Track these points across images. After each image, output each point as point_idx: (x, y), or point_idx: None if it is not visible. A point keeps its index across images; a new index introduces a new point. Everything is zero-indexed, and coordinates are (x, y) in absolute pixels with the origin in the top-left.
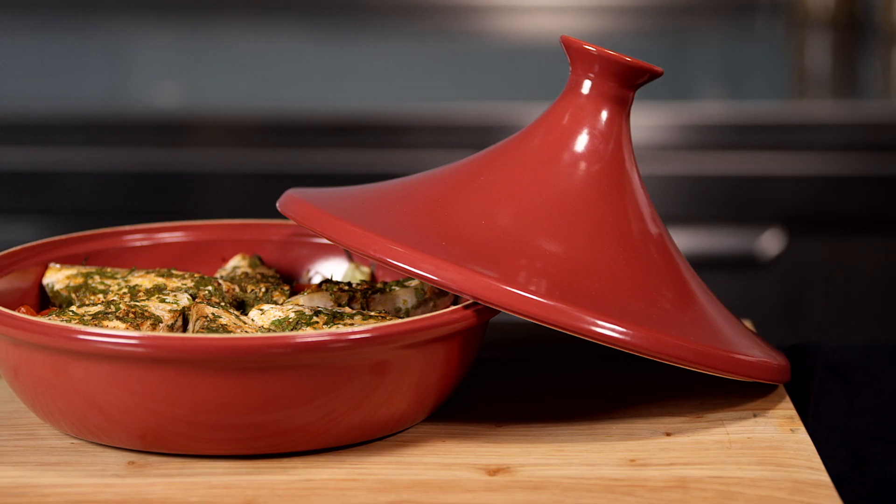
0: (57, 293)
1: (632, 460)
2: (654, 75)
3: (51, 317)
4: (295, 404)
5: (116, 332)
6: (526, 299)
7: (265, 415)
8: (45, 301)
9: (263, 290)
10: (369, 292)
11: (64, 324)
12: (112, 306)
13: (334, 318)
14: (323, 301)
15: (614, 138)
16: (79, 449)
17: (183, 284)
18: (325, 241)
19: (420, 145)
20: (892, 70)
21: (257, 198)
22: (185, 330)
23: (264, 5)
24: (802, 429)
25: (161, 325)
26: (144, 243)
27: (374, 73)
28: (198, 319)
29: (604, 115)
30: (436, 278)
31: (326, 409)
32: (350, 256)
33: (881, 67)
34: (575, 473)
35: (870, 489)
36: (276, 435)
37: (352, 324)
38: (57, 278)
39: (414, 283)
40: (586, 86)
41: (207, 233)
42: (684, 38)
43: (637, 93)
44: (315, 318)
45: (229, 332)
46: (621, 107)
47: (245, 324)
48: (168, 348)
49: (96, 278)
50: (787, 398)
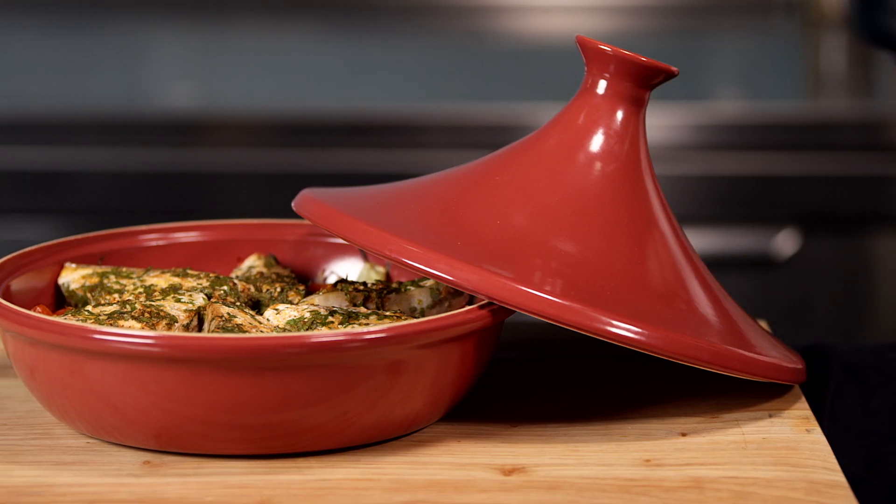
0: (73, 293)
1: (647, 460)
2: (669, 75)
3: (66, 316)
4: (310, 404)
5: (132, 331)
6: (541, 299)
7: (280, 414)
8: (60, 301)
9: (279, 289)
10: (384, 292)
11: (80, 323)
12: (128, 306)
13: (349, 317)
14: (338, 301)
15: (630, 138)
16: (94, 448)
17: (198, 284)
18: (340, 240)
19: (435, 145)
20: None
21: (273, 197)
22: (200, 330)
23: (279, 5)
24: (818, 429)
25: (176, 324)
26: (160, 243)
27: (389, 73)
28: (213, 319)
29: (619, 115)
30: (451, 278)
31: (342, 409)
32: (365, 256)
33: None
34: (590, 473)
35: (886, 490)
36: (291, 435)
37: (367, 324)
38: (73, 278)
39: (429, 282)
40: (602, 86)
41: (223, 232)
42: (699, 38)
43: (652, 93)
44: (330, 318)
45: (245, 331)
46: (637, 107)
47: (260, 323)
48: (183, 348)
49: (112, 278)
50: (803, 398)
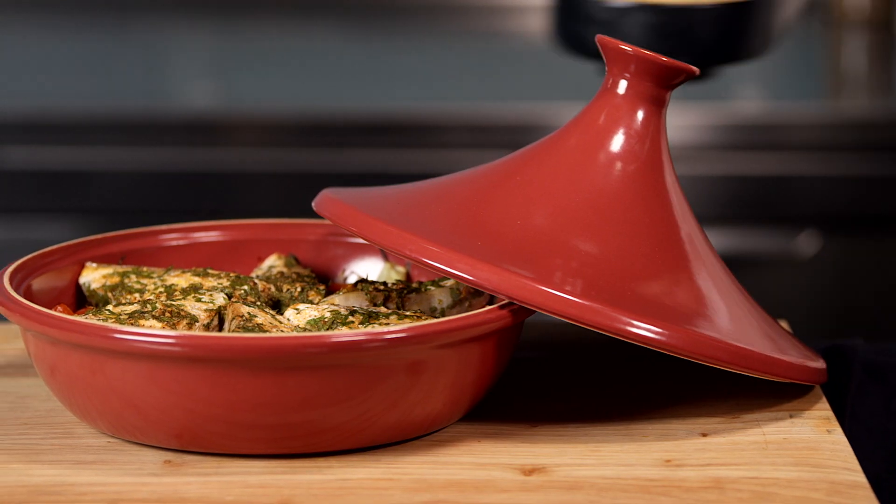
0: (93, 292)
1: (667, 461)
2: (689, 75)
3: (87, 316)
4: (331, 404)
5: (153, 331)
6: (561, 299)
7: (301, 414)
8: (81, 300)
9: (299, 289)
10: (405, 292)
11: (100, 323)
12: (148, 305)
13: (370, 317)
14: (358, 301)
15: (650, 138)
16: (115, 448)
17: (219, 284)
18: (360, 240)
19: (456, 145)
20: None
21: (293, 197)
22: (220, 329)
23: (300, 5)
24: (839, 430)
25: (197, 324)
26: (180, 243)
27: (410, 73)
28: (233, 319)
29: (640, 115)
30: (471, 278)
31: (362, 409)
32: (385, 256)
33: None
34: (610, 474)
35: None
36: (311, 434)
37: (387, 323)
38: (93, 277)
39: (449, 282)
40: (622, 86)
41: (243, 232)
42: None
43: (672, 92)
44: (350, 318)
45: (265, 331)
46: (657, 107)
47: (281, 323)
48: (204, 347)
49: (132, 277)
50: (824, 399)
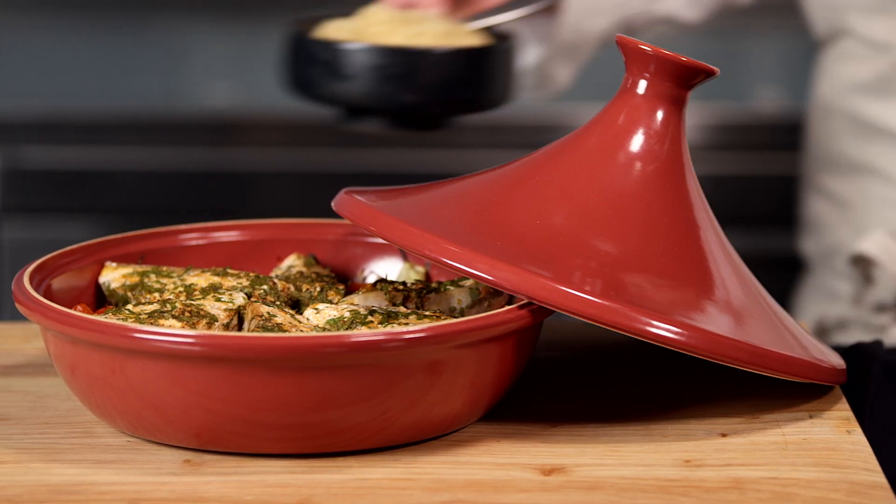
0: (113, 292)
1: (687, 461)
2: (709, 75)
3: (107, 315)
4: (350, 403)
5: (172, 330)
6: (581, 299)
7: (320, 414)
8: (101, 299)
9: (318, 289)
10: (424, 292)
11: (120, 322)
12: (168, 305)
13: (389, 317)
14: (378, 300)
15: (670, 138)
16: (135, 447)
17: (238, 283)
18: (379, 240)
19: (475, 145)
20: None
21: (312, 197)
22: (240, 329)
23: (318, 5)
24: (859, 430)
25: (216, 323)
26: (200, 242)
27: None
28: (253, 318)
29: (659, 114)
30: (490, 278)
31: (381, 409)
32: (405, 256)
33: None
34: (630, 474)
35: None
36: (330, 434)
37: (406, 323)
38: (113, 277)
39: (469, 282)
40: (642, 86)
41: (262, 232)
42: (737, 38)
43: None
44: (370, 318)
45: (284, 331)
46: (677, 106)
47: (300, 323)
48: (223, 347)
49: (152, 277)
50: (844, 399)
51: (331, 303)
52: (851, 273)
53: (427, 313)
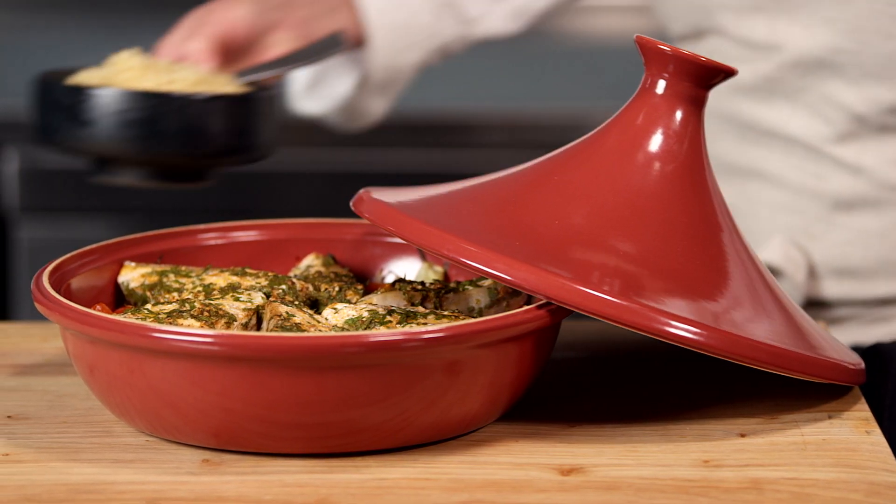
0: (132, 291)
1: (705, 461)
2: (728, 75)
3: (126, 315)
4: (368, 403)
5: (191, 330)
6: (599, 299)
7: (339, 413)
8: (120, 299)
9: (337, 289)
10: (442, 292)
11: (139, 322)
12: (187, 304)
13: (407, 317)
14: (396, 300)
15: (688, 138)
16: (153, 446)
17: (257, 283)
18: (398, 240)
19: (493, 145)
20: None
21: (331, 197)
22: (258, 329)
23: None
24: (878, 430)
25: (235, 323)
26: (219, 242)
27: (447, 73)
28: (271, 318)
29: (678, 114)
30: (509, 278)
31: (400, 409)
32: (423, 256)
33: None
34: (648, 474)
35: None
36: (349, 434)
37: (425, 323)
38: (132, 276)
39: (487, 282)
40: (660, 86)
41: (281, 232)
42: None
43: None
44: (388, 318)
45: (303, 331)
46: (696, 106)
47: (318, 323)
48: (242, 347)
49: (171, 277)
50: (863, 400)
51: (349, 302)
52: None
53: (445, 313)
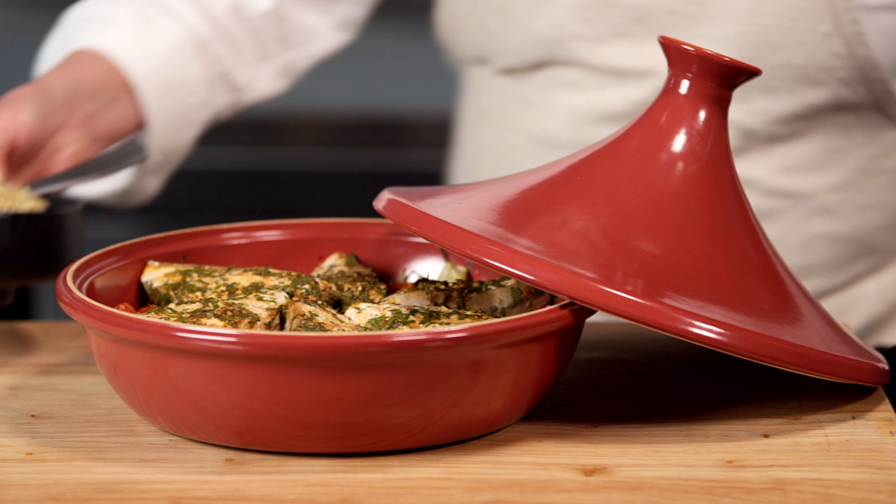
0: (155, 291)
1: (729, 462)
2: (752, 74)
3: (149, 314)
4: (391, 403)
5: (214, 329)
6: (622, 299)
7: (362, 413)
8: (143, 298)
9: (360, 288)
10: (465, 291)
11: (162, 321)
12: (210, 304)
13: (430, 317)
14: (419, 300)
15: (712, 138)
16: (177, 446)
17: (280, 283)
18: (421, 240)
19: None
20: None
21: (354, 196)
22: (282, 328)
23: None
24: None
25: (258, 323)
26: (242, 241)
27: None
28: (295, 318)
29: (702, 114)
30: (532, 278)
31: (423, 408)
32: (446, 255)
33: None
34: (672, 474)
35: None
36: (372, 433)
37: (448, 323)
38: (155, 276)
39: (510, 282)
40: (684, 85)
41: (304, 231)
42: None
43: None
44: (411, 318)
45: (326, 330)
46: (719, 106)
47: (342, 322)
48: (265, 346)
49: (194, 276)
50: (887, 400)
51: (372, 302)
52: None
53: (469, 313)
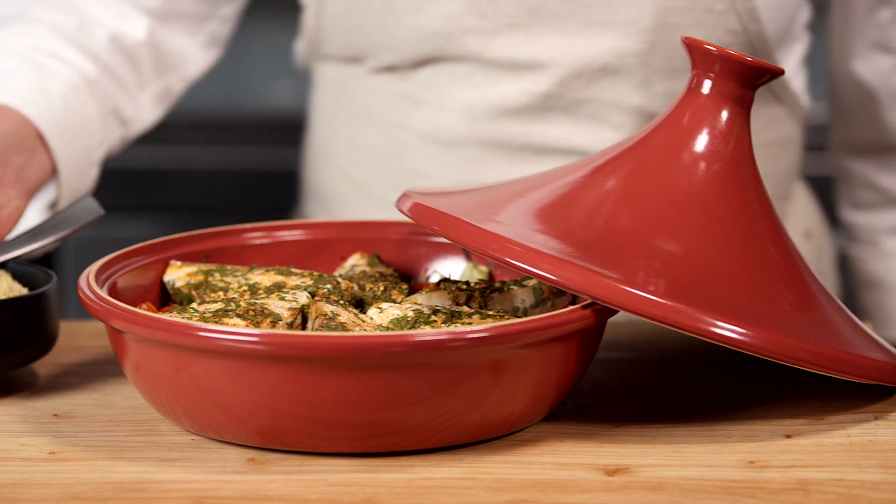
0: (178, 290)
1: (751, 462)
2: (774, 75)
3: (172, 314)
4: (413, 403)
5: (236, 329)
6: (644, 299)
7: (384, 413)
8: (166, 298)
9: (382, 288)
10: (487, 291)
11: (185, 321)
12: (232, 304)
13: (452, 317)
14: (441, 300)
15: (735, 138)
16: (199, 445)
17: (302, 282)
18: (443, 239)
19: None
20: None
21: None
22: (304, 328)
23: None
24: None
25: (280, 322)
26: (264, 241)
27: None
28: (317, 317)
29: (724, 114)
30: (554, 278)
31: (444, 408)
32: (468, 255)
33: None
34: (694, 475)
35: None
36: (394, 433)
37: (470, 323)
38: (178, 276)
39: (532, 282)
40: (707, 86)
41: (326, 231)
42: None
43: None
44: (433, 317)
45: (348, 330)
46: (742, 106)
47: (363, 322)
48: (287, 346)
49: (216, 276)
50: None
51: (394, 302)
52: None
53: (490, 313)
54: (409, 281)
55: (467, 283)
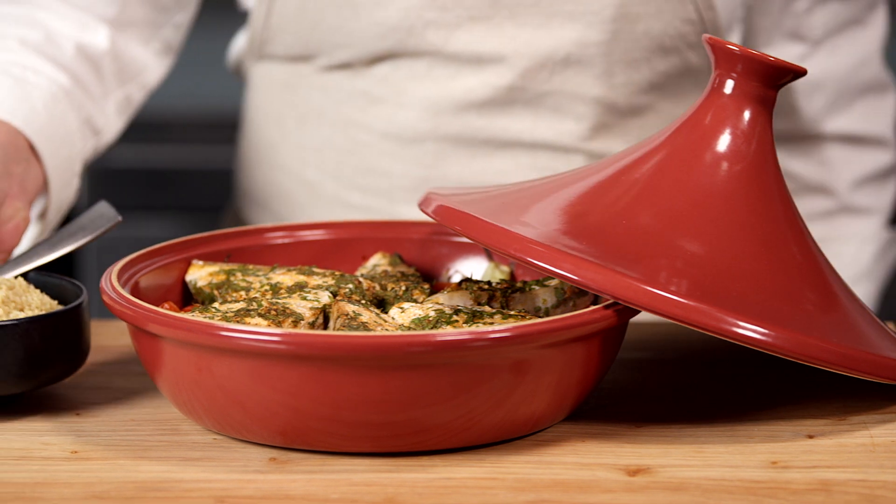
0: (200, 290)
1: (773, 462)
2: (797, 75)
3: (194, 313)
4: (435, 402)
5: (258, 329)
6: (666, 299)
7: (405, 412)
8: (188, 298)
9: (403, 288)
10: (509, 291)
11: (207, 320)
12: (254, 303)
13: (474, 316)
14: (463, 300)
15: (757, 138)
16: (221, 445)
17: (324, 282)
18: (464, 239)
19: None
20: None
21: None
22: (325, 327)
23: None
24: None
25: (302, 322)
26: (286, 241)
27: None
28: (338, 317)
29: (746, 114)
30: (576, 278)
31: (466, 408)
32: (490, 255)
33: None
34: (716, 475)
35: None
36: (416, 433)
37: (491, 323)
38: (200, 275)
39: (554, 282)
40: (729, 85)
41: (348, 231)
42: None
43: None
44: (455, 317)
45: (370, 330)
46: (764, 106)
47: (385, 322)
48: (309, 346)
49: (238, 275)
50: None
51: (416, 302)
52: None
53: (512, 313)
54: (431, 281)
55: (489, 283)
